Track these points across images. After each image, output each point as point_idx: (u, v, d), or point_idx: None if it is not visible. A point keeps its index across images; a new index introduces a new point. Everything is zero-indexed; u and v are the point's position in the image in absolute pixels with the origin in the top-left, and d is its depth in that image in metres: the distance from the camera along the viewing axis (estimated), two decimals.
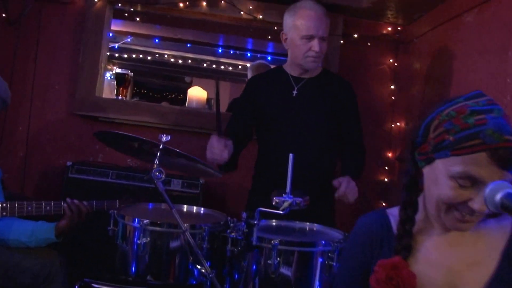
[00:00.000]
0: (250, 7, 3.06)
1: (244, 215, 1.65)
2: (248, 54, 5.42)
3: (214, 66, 6.97)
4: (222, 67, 7.06)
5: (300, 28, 2.19)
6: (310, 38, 2.17)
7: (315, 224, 1.96)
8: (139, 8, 3.13)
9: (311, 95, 2.29)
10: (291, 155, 1.55)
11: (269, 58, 5.18)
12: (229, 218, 1.86)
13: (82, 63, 3.03)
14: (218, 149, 1.99)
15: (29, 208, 2.17)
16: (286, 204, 1.51)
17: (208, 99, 3.38)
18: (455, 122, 1.05)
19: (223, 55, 5.99)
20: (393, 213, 1.25)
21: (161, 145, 1.65)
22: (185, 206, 2.12)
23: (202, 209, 2.10)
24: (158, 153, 1.66)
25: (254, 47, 5.17)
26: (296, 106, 2.27)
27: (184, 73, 8.10)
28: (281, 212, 1.55)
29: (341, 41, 3.12)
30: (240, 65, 6.94)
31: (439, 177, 1.07)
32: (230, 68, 7.11)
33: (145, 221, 1.72)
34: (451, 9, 2.58)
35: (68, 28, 3.14)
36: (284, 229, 1.94)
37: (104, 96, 3.28)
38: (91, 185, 2.76)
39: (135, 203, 2.13)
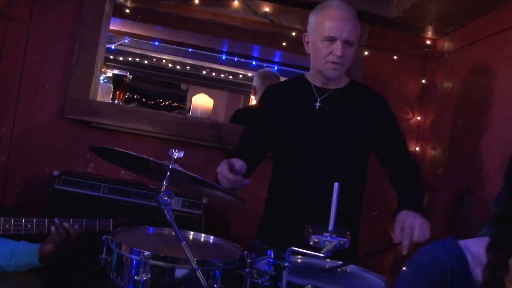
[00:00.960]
0: (266, 9, 2.77)
1: (271, 254, 1.33)
2: (254, 63, 5.13)
3: (213, 74, 6.71)
4: (222, 75, 6.79)
5: (322, 29, 1.90)
6: (332, 40, 1.88)
7: (350, 265, 1.65)
8: (142, 4, 2.82)
9: (337, 107, 1.99)
10: (336, 185, 1.25)
11: (275, 68, 4.89)
12: (245, 252, 1.53)
13: (77, 61, 2.70)
14: (234, 178, 1.69)
15: (7, 226, 1.82)
16: (329, 246, 1.20)
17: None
18: None
19: (226, 62, 5.71)
20: (470, 249, 1.00)
21: (171, 164, 1.33)
22: (191, 233, 1.80)
23: (212, 237, 1.78)
24: (168, 173, 1.34)
25: (260, 55, 4.88)
26: (319, 120, 1.97)
27: (181, 80, 7.83)
28: (321, 254, 1.23)
29: (365, 53, 2.84)
30: (241, 74, 6.68)
31: None
32: (230, 77, 6.84)
33: (146, 253, 1.39)
34: (495, 23, 2.31)
35: (63, 22, 2.81)
36: (312, 268, 1.62)
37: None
38: (79, 199, 2.43)
39: (132, 225, 1.80)
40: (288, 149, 2.02)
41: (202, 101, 2.87)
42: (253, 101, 6.57)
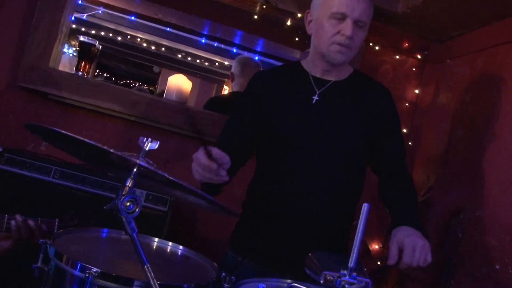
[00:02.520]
0: None
1: None
2: (234, 50, 4.82)
3: (189, 58, 6.38)
4: (198, 61, 6.47)
5: (330, 4, 1.62)
6: (341, 17, 1.60)
7: None
8: None
9: (338, 102, 1.72)
10: (365, 206, 0.95)
11: (256, 58, 4.59)
12: (223, 274, 1.24)
13: (37, 21, 2.33)
14: (210, 167, 1.38)
15: None
16: None
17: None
18: None
19: (204, 47, 5.38)
20: None
21: (140, 159, 1.02)
22: (156, 241, 1.48)
23: (181, 248, 1.47)
24: (135, 170, 1.03)
25: (242, 42, 4.57)
26: (317, 116, 1.69)
27: (154, 62, 7.48)
28: None
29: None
30: (217, 61, 6.38)
31: None
32: (206, 64, 6.53)
33: (94, 269, 1.07)
34: (508, 31, 2.10)
35: None
36: None
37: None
38: (24, 182, 2.07)
39: (82, 225, 1.48)
40: (276, 147, 1.73)
41: (179, 83, 2.55)
42: (225, 90, 6.29)
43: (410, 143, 2.72)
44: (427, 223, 2.19)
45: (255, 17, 2.66)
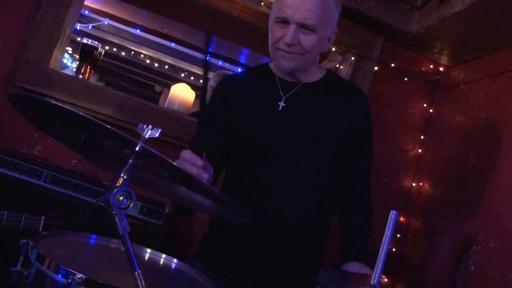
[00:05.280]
0: None
1: None
2: (239, 70, 4.76)
3: (192, 78, 6.32)
4: (201, 81, 6.41)
5: (275, 7, 1.52)
6: (284, 21, 1.48)
7: None
8: None
9: (306, 106, 1.58)
10: (393, 213, 0.84)
11: None
12: None
13: (42, 19, 2.25)
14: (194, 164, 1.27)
15: None
16: None
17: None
18: None
19: (209, 66, 5.31)
20: None
21: (139, 145, 0.91)
22: (148, 252, 1.35)
23: (175, 261, 1.34)
24: (132, 158, 0.92)
25: (247, 61, 4.52)
26: (283, 124, 1.56)
27: (156, 80, 7.43)
28: None
29: (375, 68, 2.51)
30: None
31: None
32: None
33: (78, 275, 0.95)
34: None
35: None
36: None
37: None
38: (13, 184, 1.95)
39: (70, 228, 1.35)
40: (245, 158, 1.60)
41: (182, 92, 2.45)
42: None
43: (419, 169, 2.62)
44: (436, 254, 2.06)
45: (264, 31, 2.59)
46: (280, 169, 1.54)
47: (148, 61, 6.24)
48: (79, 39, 4.70)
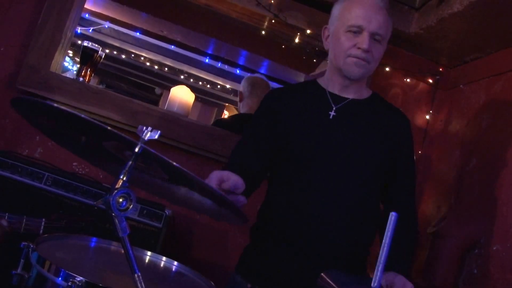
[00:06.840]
0: (272, 1, 2.41)
1: None
2: (238, 71, 4.77)
3: (191, 80, 6.33)
4: (200, 83, 6.42)
5: (347, 17, 1.59)
6: (358, 31, 1.56)
7: None
8: None
9: (355, 119, 1.64)
10: (393, 215, 0.84)
11: None
12: None
13: (43, 23, 2.26)
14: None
15: None
16: None
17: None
18: None
19: (208, 68, 5.34)
20: None
21: (138, 146, 0.92)
22: (148, 254, 1.36)
23: (175, 264, 1.34)
24: (131, 161, 0.92)
25: (246, 63, 4.52)
26: (334, 132, 1.60)
27: (157, 83, 7.44)
28: None
29: None
30: (219, 84, 6.33)
31: None
32: (208, 86, 6.49)
33: (79, 278, 0.96)
34: None
35: None
36: None
37: None
38: (14, 187, 1.95)
39: (70, 231, 1.35)
40: (291, 166, 1.62)
41: (181, 94, 2.46)
42: (225, 115, 6.19)
43: (419, 171, 2.62)
44: (439, 257, 2.06)
45: (263, 32, 2.60)
46: (327, 176, 1.57)
47: (148, 63, 6.26)
48: (79, 42, 4.72)
